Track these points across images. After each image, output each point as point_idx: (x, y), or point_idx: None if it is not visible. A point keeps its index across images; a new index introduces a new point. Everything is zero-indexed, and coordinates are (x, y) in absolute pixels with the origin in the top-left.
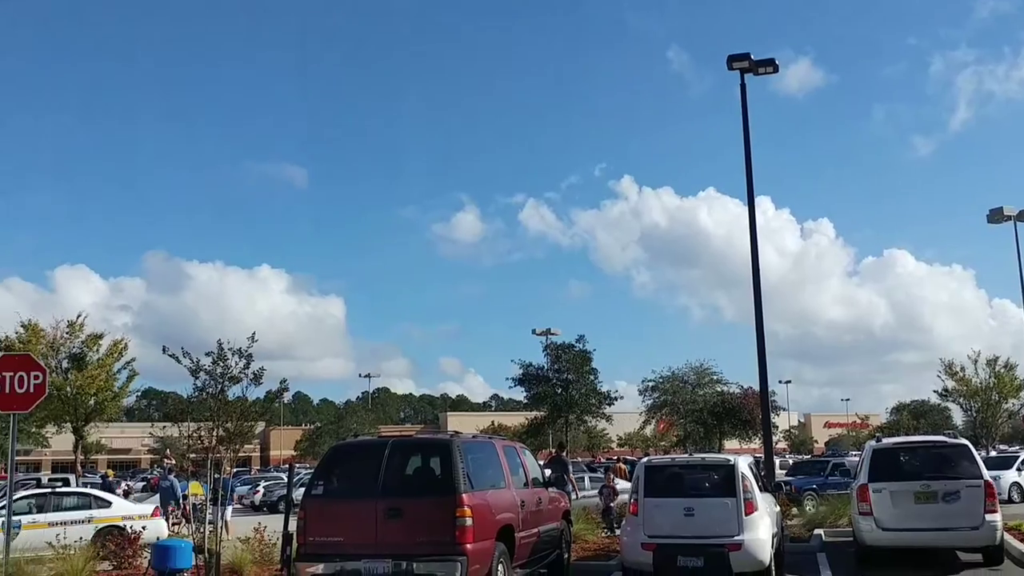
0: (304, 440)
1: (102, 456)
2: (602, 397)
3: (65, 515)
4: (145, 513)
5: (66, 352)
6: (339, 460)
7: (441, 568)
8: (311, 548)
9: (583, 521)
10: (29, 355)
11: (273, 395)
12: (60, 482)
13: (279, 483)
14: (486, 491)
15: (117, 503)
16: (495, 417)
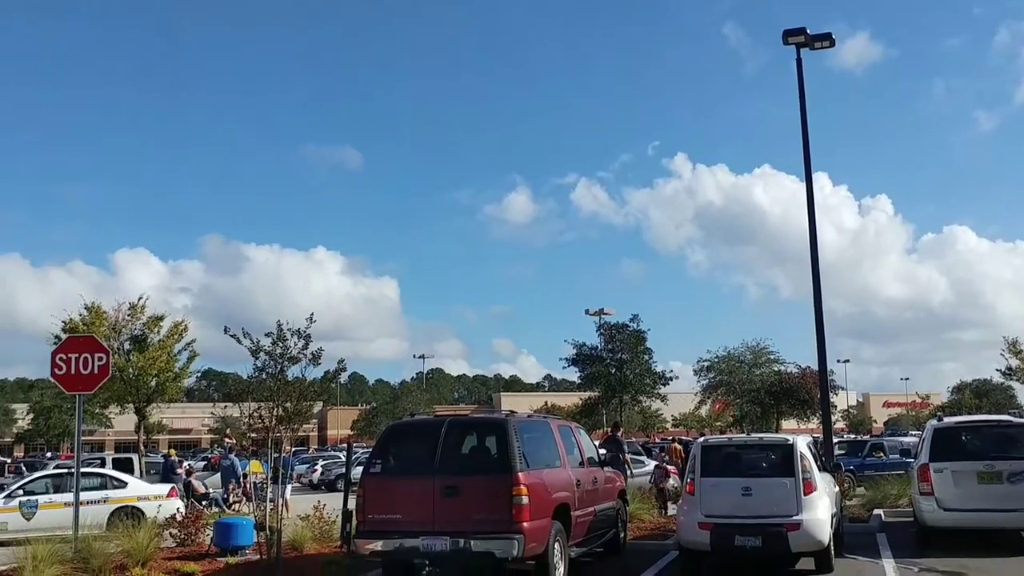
0: (360, 420)
1: (163, 436)
2: (656, 377)
3: (82, 495)
4: (161, 493)
5: (128, 334)
6: (396, 439)
7: (498, 546)
8: (370, 525)
9: (639, 501)
10: (93, 337)
11: (331, 375)
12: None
13: (337, 462)
14: (541, 470)
15: (133, 483)
16: (548, 398)
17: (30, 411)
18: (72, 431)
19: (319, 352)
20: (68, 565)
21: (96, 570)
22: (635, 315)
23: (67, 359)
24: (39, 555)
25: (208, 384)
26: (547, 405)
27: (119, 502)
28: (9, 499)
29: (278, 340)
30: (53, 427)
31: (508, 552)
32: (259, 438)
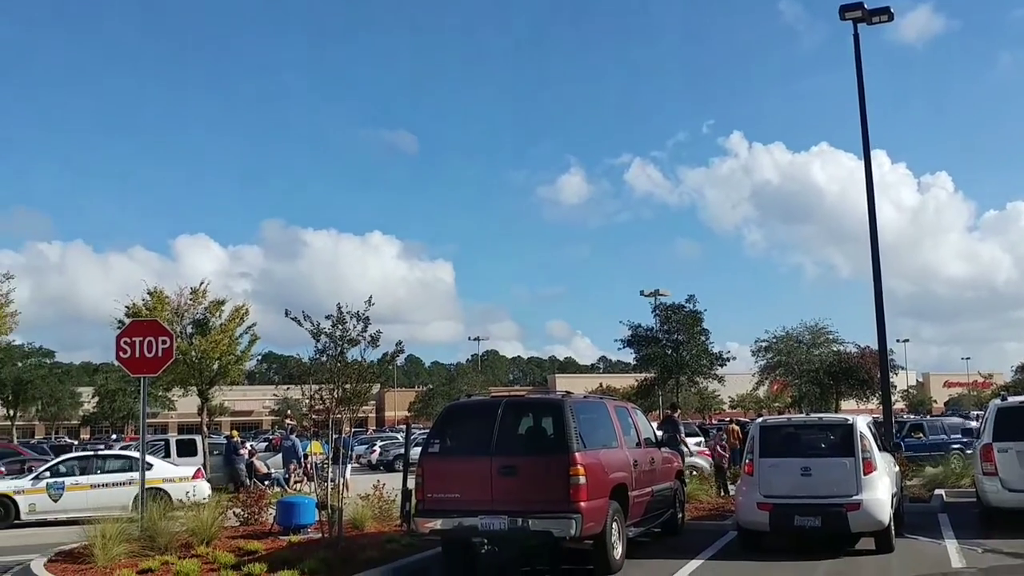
0: (417, 401)
1: (225, 418)
2: (713, 358)
3: (107, 477)
4: (186, 475)
5: (190, 318)
6: (454, 419)
7: (556, 525)
8: (429, 504)
9: (697, 481)
10: (157, 321)
11: (389, 357)
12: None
13: (394, 443)
14: (598, 450)
15: (158, 465)
16: (603, 379)
17: (95, 394)
18: (136, 413)
19: (378, 334)
20: (135, 543)
21: (162, 548)
22: (691, 295)
23: (131, 343)
24: (107, 533)
25: (268, 367)
26: (602, 386)
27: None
28: (37, 481)
29: (338, 323)
30: (118, 410)
31: (566, 531)
32: (319, 419)
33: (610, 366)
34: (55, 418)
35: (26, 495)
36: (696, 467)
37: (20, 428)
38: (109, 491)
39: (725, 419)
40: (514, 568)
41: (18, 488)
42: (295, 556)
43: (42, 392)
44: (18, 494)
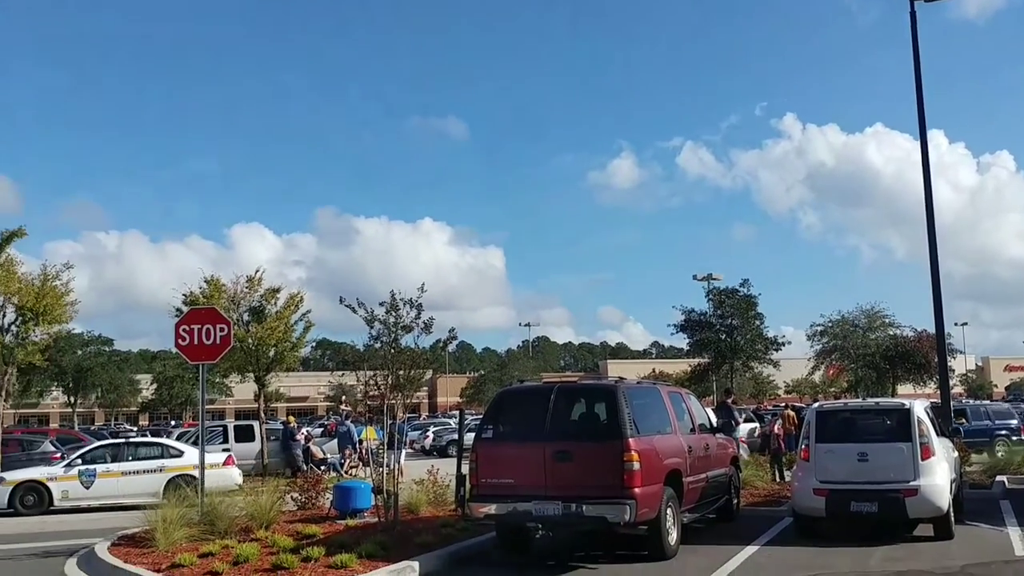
0: (469, 387)
1: (281, 404)
2: (768, 343)
3: (138, 464)
4: (216, 462)
5: (246, 306)
6: (506, 405)
7: (610, 511)
8: (483, 489)
9: (752, 467)
10: (215, 309)
11: (442, 344)
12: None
13: (447, 428)
14: (652, 436)
15: (188, 452)
16: (656, 365)
17: (154, 381)
18: (194, 400)
19: (431, 321)
20: (195, 528)
21: (222, 532)
22: (745, 280)
23: (190, 330)
24: (168, 518)
25: (322, 354)
26: (655, 372)
27: (176, 471)
28: (69, 468)
29: (391, 310)
30: (176, 396)
31: (620, 517)
32: (374, 405)
33: (663, 352)
34: (114, 405)
35: (59, 482)
36: None
37: (80, 415)
38: (140, 478)
39: (780, 404)
40: (568, 553)
41: (51, 475)
42: (352, 540)
43: (102, 379)
44: (51, 481)
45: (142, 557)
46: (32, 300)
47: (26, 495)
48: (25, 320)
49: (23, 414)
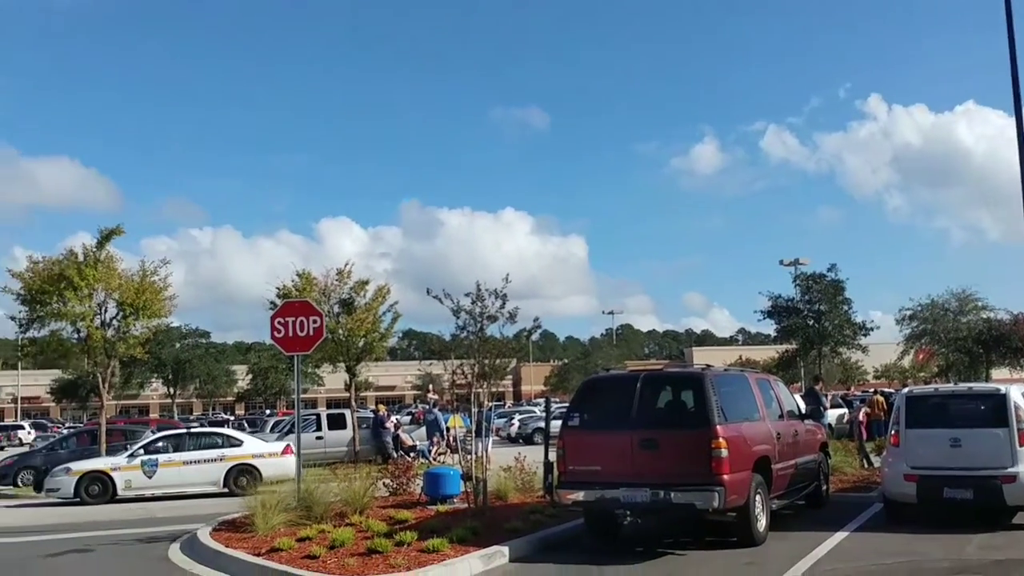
0: (553, 376)
1: (370, 393)
2: (856, 328)
3: (199, 454)
4: (275, 451)
5: (337, 298)
6: (593, 393)
7: (699, 498)
8: (571, 476)
9: (841, 453)
10: (308, 301)
11: (527, 333)
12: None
13: (532, 416)
14: (740, 423)
15: (248, 442)
16: (742, 351)
17: (249, 372)
18: (287, 390)
19: (515, 311)
20: (293, 513)
21: (318, 517)
22: (832, 264)
23: (285, 323)
24: (267, 504)
25: (409, 344)
26: (741, 359)
27: (235, 460)
28: (132, 458)
29: (477, 300)
30: (270, 386)
31: (709, 504)
32: (461, 393)
33: (749, 338)
34: (211, 395)
35: (122, 472)
36: None
37: (179, 405)
38: (200, 467)
39: (868, 390)
40: (657, 539)
41: (115, 465)
42: (443, 525)
43: (199, 371)
44: (115, 471)
45: (242, 542)
46: (132, 295)
47: (91, 485)
48: (126, 315)
49: (124, 405)
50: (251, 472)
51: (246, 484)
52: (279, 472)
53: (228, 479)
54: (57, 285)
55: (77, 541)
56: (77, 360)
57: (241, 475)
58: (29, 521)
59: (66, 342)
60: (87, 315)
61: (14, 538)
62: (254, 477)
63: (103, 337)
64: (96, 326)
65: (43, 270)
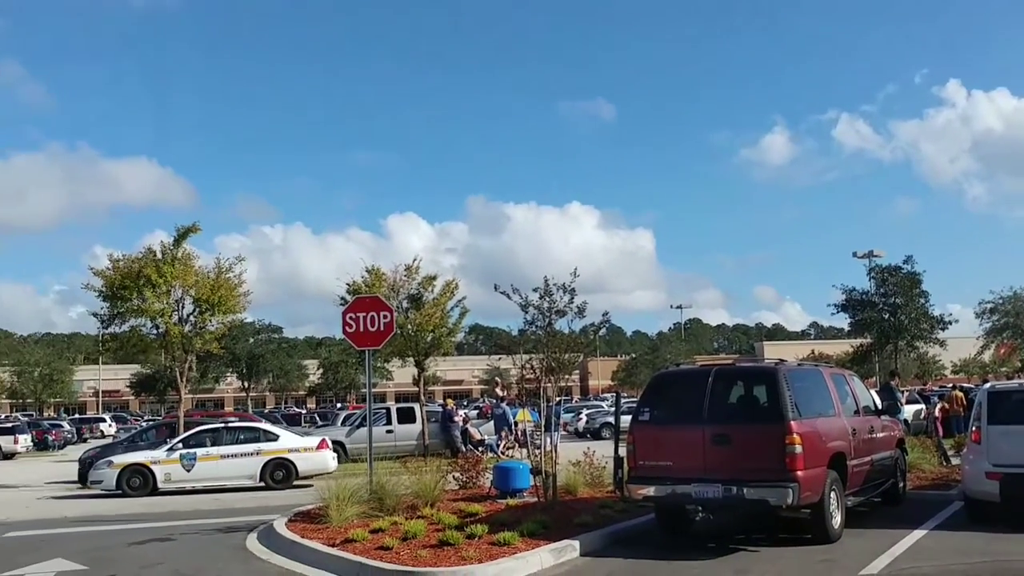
0: (620, 370)
1: (437, 387)
2: (934, 321)
3: (236, 448)
4: (311, 446)
5: (405, 293)
6: (663, 388)
7: (772, 494)
8: (641, 471)
9: (918, 450)
10: (379, 297)
11: (596, 327)
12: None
13: (600, 411)
14: (815, 419)
15: (284, 436)
16: (814, 346)
17: (319, 366)
18: (357, 384)
19: (584, 305)
20: (365, 505)
21: (390, 509)
22: (908, 256)
23: (356, 318)
24: (341, 495)
25: (475, 339)
26: (813, 353)
27: (271, 454)
28: (171, 452)
29: (545, 295)
30: (340, 380)
31: (783, 500)
32: (530, 388)
33: (821, 332)
34: (284, 389)
35: (162, 465)
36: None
37: (253, 399)
38: (237, 461)
39: (947, 385)
40: (729, 535)
41: (155, 459)
42: (513, 518)
43: (272, 365)
44: (155, 464)
45: (317, 532)
46: (208, 292)
47: (132, 477)
48: (202, 311)
49: (200, 398)
50: (286, 467)
51: (282, 478)
52: (314, 466)
53: (264, 473)
54: (136, 282)
55: (158, 530)
56: (156, 355)
57: (277, 469)
58: (111, 511)
59: (145, 337)
60: (165, 311)
61: (98, 527)
62: (289, 472)
63: (181, 332)
64: (174, 322)
65: (123, 268)
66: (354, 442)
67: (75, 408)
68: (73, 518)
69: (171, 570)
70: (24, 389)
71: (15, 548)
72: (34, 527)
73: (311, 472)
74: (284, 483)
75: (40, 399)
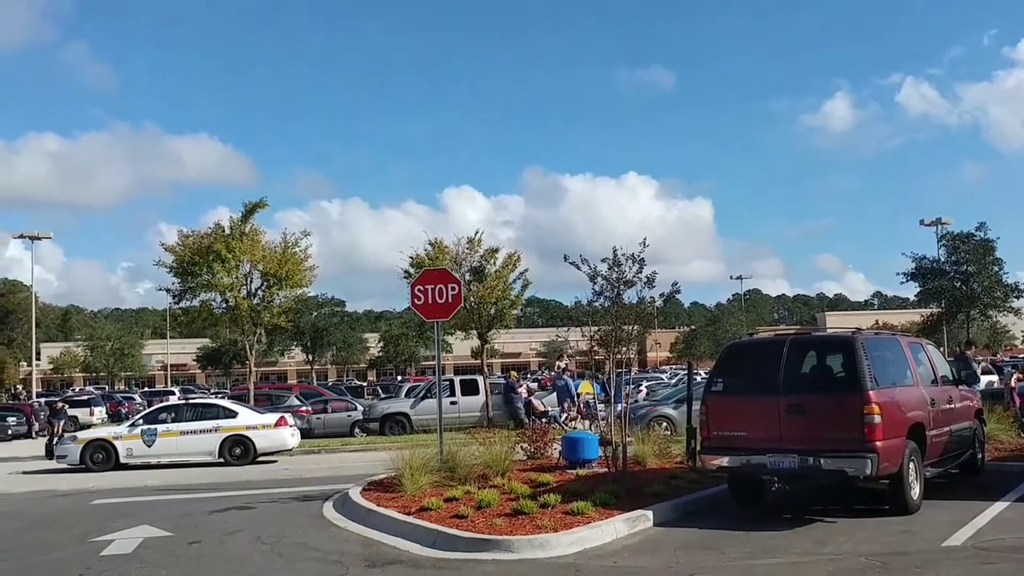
0: (679, 342)
1: (496, 360)
2: (1008, 289)
3: (196, 424)
4: (269, 423)
5: (467, 266)
6: (737, 358)
7: (851, 464)
8: (715, 442)
9: (995, 420)
10: (446, 270)
11: (666, 297)
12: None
13: (660, 383)
14: (892, 388)
15: (243, 413)
16: (879, 316)
17: (380, 339)
18: (417, 356)
19: (653, 275)
20: (437, 474)
21: (462, 479)
22: (981, 223)
23: (424, 290)
24: (413, 465)
25: (532, 311)
26: (878, 324)
27: (230, 431)
28: (133, 428)
29: (614, 266)
30: (400, 353)
31: (861, 471)
32: (597, 359)
33: (885, 302)
34: (345, 362)
35: (124, 440)
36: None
37: (316, 372)
38: (196, 437)
39: (1020, 356)
40: (804, 506)
41: (117, 434)
42: (584, 488)
43: (335, 339)
44: (117, 440)
45: (392, 501)
46: (275, 267)
47: (95, 452)
48: (269, 285)
49: (264, 372)
50: (245, 443)
51: (240, 454)
52: (273, 443)
53: (223, 449)
54: (206, 258)
55: (237, 499)
56: (224, 329)
57: (236, 446)
58: (189, 480)
59: (215, 311)
60: (234, 286)
61: (179, 495)
62: (247, 448)
63: (249, 306)
64: (242, 296)
65: (193, 244)
66: (419, 413)
67: (144, 381)
68: (154, 487)
69: (252, 537)
70: (97, 363)
71: (104, 514)
72: (118, 495)
73: (269, 449)
74: (243, 459)
75: (112, 372)
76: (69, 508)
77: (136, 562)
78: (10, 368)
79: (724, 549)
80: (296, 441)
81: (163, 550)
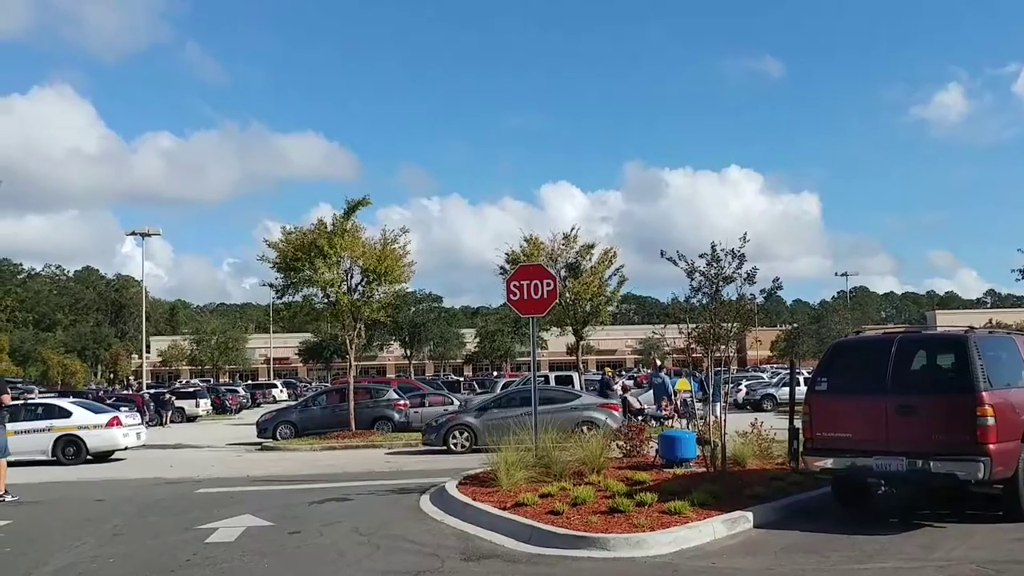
0: (781, 340)
1: (591, 356)
2: None
3: (30, 424)
4: (101, 423)
5: (563, 262)
6: (843, 357)
7: (962, 468)
8: (819, 443)
9: None
10: (541, 265)
11: (768, 294)
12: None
13: (760, 382)
14: (1007, 390)
15: (76, 414)
16: (992, 315)
17: (476, 335)
18: (512, 352)
19: (754, 271)
20: (532, 470)
21: (557, 475)
22: None
23: (520, 286)
24: (509, 460)
25: (628, 308)
26: (991, 322)
27: (62, 431)
28: None
29: (713, 261)
30: (496, 348)
31: (973, 475)
32: (696, 357)
33: (999, 300)
34: (442, 357)
35: None
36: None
37: (414, 366)
38: (30, 437)
39: None
40: (912, 511)
41: None
42: (682, 488)
43: (433, 334)
44: None
45: (487, 496)
46: (375, 262)
47: None
48: (369, 281)
49: (363, 366)
50: (76, 443)
51: (72, 454)
52: (104, 443)
53: (56, 449)
54: (308, 254)
55: (335, 491)
56: (327, 323)
57: (68, 445)
58: (288, 472)
59: (316, 306)
60: (336, 281)
61: (279, 486)
62: (79, 448)
63: (350, 302)
64: (343, 291)
65: (295, 240)
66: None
67: (248, 374)
68: (255, 477)
69: (351, 528)
70: (202, 356)
71: (208, 503)
72: (221, 484)
73: (101, 448)
74: (75, 459)
75: (216, 365)
76: (176, 495)
77: (239, 550)
78: (123, 360)
79: (827, 553)
80: (130, 441)
81: (264, 539)
